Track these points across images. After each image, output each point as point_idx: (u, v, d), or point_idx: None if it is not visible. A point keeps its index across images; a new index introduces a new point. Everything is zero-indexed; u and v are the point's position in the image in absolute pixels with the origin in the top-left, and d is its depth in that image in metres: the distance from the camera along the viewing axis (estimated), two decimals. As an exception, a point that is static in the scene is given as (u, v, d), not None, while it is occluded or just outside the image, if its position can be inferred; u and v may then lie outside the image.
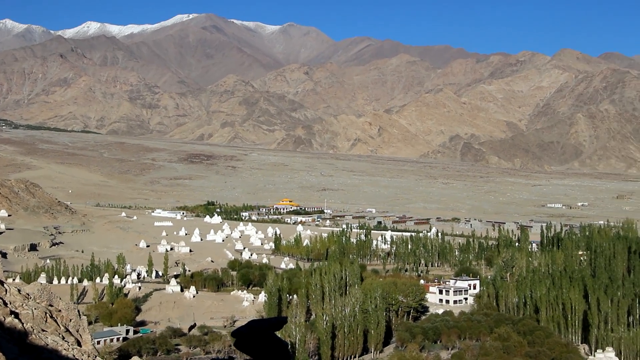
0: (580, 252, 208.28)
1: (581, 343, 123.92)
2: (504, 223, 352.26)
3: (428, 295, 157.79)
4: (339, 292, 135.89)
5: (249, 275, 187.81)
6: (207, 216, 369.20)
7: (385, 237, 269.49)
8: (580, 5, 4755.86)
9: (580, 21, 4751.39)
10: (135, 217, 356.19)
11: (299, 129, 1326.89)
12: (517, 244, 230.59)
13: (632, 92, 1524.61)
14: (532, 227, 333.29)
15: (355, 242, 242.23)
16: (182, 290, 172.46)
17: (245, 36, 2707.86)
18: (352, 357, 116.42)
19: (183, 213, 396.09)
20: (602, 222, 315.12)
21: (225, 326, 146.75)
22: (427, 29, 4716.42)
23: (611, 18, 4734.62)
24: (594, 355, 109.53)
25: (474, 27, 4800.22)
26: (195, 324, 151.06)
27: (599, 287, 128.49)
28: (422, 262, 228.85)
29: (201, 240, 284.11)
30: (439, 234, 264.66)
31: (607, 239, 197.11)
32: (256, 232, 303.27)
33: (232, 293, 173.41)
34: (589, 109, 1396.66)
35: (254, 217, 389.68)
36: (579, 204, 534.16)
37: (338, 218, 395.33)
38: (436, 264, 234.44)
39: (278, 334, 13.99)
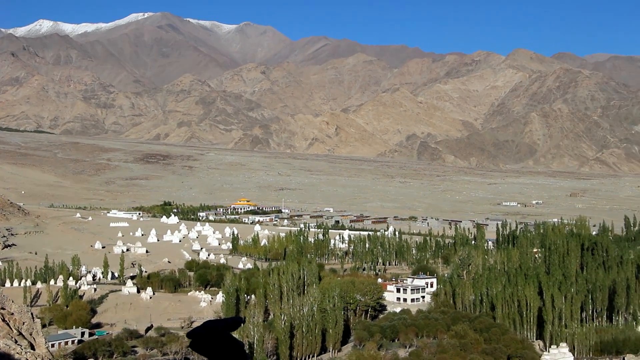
0: (535, 250, 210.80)
1: (536, 339, 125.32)
2: (461, 221, 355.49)
3: (386, 294, 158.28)
4: (297, 292, 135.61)
5: (207, 276, 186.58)
6: (164, 216, 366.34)
7: (343, 236, 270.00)
8: (533, 5, 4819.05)
9: (533, 21, 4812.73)
10: (90, 218, 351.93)
11: (256, 128, 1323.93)
12: (473, 242, 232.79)
13: (584, 92, 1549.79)
14: (487, 225, 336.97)
15: (313, 242, 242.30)
16: (138, 291, 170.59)
17: (202, 35, 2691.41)
18: (311, 356, 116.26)
19: (139, 213, 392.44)
20: (556, 219, 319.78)
21: (182, 327, 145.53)
22: (384, 29, 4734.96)
23: (563, 18, 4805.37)
24: (548, 351, 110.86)
25: (429, 27, 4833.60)
26: (152, 326, 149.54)
27: (553, 284, 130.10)
28: (380, 261, 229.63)
29: (158, 240, 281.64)
30: (396, 233, 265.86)
31: (561, 236, 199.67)
32: (213, 232, 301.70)
33: (189, 294, 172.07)
34: (543, 108, 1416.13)
35: (211, 217, 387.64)
36: (534, 202, 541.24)
37: (296, 217, 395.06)
38: (394, 263, 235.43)
39: (235, 334, 13.73)
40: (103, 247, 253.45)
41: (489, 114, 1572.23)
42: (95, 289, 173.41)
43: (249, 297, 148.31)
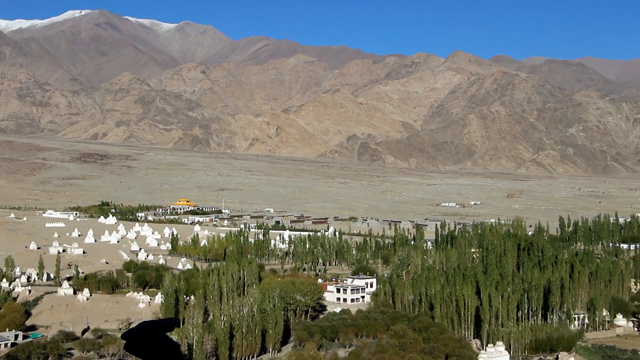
0: (472, 250, 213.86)
1: (473, 338, 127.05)
2: (400, 222, 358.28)
3: (326, 294, 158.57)
4: (237, 292, 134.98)
5: (145, 277, 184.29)
6: (102, 217, 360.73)
7: (283, 237, 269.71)
8: (471, 8, 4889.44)
9: (472, 24, 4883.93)
10: (25, 219, 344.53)
11: (196, 128, 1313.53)
12: (412, 242, 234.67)
13: (521, 94, 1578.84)
14: (427, 225, 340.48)
15: (253, 242, 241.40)
16: (75, 292, 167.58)
17: (141, 34, 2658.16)
18: (250, 357, 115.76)
19: (76, 214, 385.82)
20: (493, 220, 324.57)
21: (120, 329, 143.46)
22: (324, 30, 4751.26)
23: (501, 22, 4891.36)
24: (485, 350, 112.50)
25: (370, 28, 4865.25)
26: (88, 327, 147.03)
27: (491, 284, 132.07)
28: (320, 261, 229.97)
29: (95, 241, 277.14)
30: (337, 233, 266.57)
31: (498, 236, 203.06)
32: (152, 233, 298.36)
33: (127, 295, 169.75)
34: (481, 110, 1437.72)
35: (150, 218, 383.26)
36: (472, 202, 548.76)
37: (236, 218, 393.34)
38: (334, 263, 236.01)
39: (172, 335, 13.49)
40: (38, 248, 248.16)
41: (429, 115, 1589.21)
42: (29, 291, 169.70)
43: (188, 298, 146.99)
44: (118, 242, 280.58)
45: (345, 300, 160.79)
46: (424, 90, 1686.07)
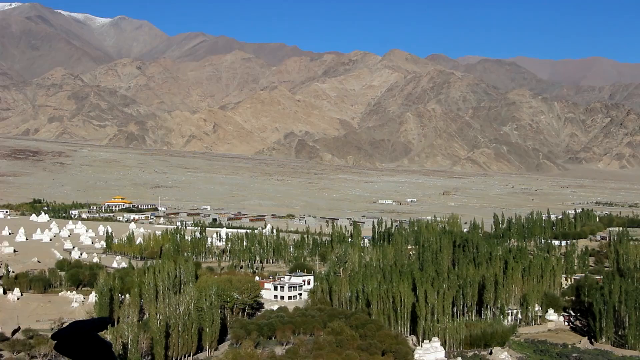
0: (409, 247, 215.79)
1: (410, 334, 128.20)
2: (338, 219, 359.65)
3: (263, 292, 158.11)
4: (173, 291, 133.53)
5: (79, 275, 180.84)
6: (34, 214, 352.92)
7: (220, 235, 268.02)
8: (408, 6, 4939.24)
9: (408, 22, 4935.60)
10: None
11: (132, 124, 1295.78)
12: (350, 239, 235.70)
13: (456, 93, 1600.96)
14: (364, 222, 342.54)
15: (190, 240, 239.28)
16: (5, 292, 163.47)
17: (74, 28, 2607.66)
18: (187, 355, 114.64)
19: (7, 211, 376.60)
20: (429, 217, 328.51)
21: (52, 329, 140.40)
22: (262, 26, 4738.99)
23: (437, 21, 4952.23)
24: (421, 346, 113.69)
25: (307, 26, 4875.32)
26: (19, 328, 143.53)
27: (427, 280, 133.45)
28: (258, 258, 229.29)
29: (27, 239, 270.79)
30: (274, 231, 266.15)
31: (434, 233, 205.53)
32: (87, 231, 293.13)
33: (60, 294, 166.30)
34: (417, 108, 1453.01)
35: (84, 216, 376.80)
36: (408, 200, 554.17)
37: (172, 215, 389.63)
38: (271, 261, 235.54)
39: (106, 334, 13.07)
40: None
41: (366, 113, 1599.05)
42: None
43: (123, 296, 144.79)
44: (50, 240, 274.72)
45: (282, 297, 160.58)
46: (361, 88, 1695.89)
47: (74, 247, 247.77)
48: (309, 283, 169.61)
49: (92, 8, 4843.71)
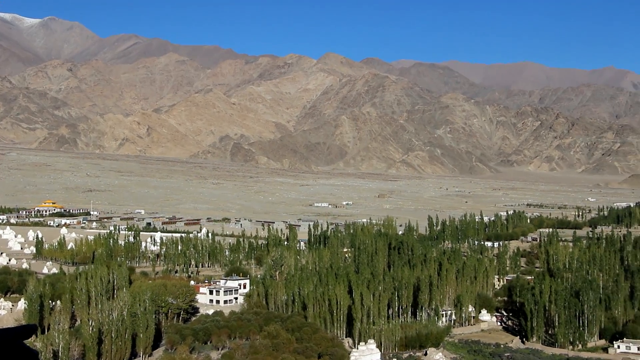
0: (345, 249, 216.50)
1: (346, 337, 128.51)
2: (273, 222, 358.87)
3: (198, 296, 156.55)
4: (106, 296, 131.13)
5: (7, 282, 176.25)
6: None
7: (154, 239, 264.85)
8: (342, 10, 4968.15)
9: (343, 26, 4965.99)
10: None
11: (63, 127, 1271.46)
12: (285, 242, 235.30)
13: (391, 96, 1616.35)
14: (300, 226, 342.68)
15: (123, 245, 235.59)
16: None
17: (1, 28, 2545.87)
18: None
19: None
20: (365, 220, 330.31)
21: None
22: (196, 29, 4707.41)
23: (371, 24, 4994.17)
24: (357, 348, 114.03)
25: (242, 28, 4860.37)
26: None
27: (362, 283, 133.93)
28: (193, 263, 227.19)
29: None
30: (210, 235, 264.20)
31: (370, 236, 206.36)
32: (15, 236, 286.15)
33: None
34: (353, 111, 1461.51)
35: (12, 220, 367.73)
36: (344, 202, 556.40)
37: (105, 220, 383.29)
38: (207, 265, 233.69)
39: (37, 342, 12.60)
40: None
41: (301, 116, 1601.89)
42: None
43: (54, 303, 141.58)
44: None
45: (218, 302, 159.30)
46: (296, 91, 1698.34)
47: (1, 253, 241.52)
48: (244, 287, 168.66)
49: (20, 8, 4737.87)
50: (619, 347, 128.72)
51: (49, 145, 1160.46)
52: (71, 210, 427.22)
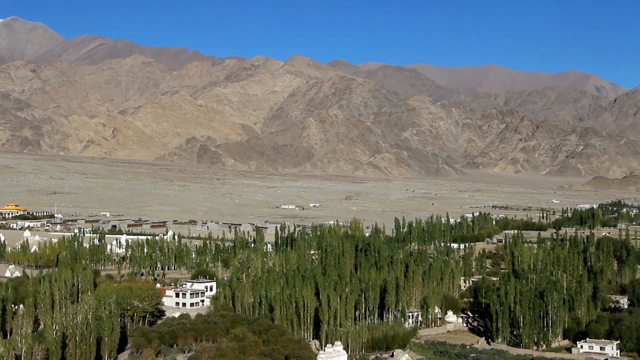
0: (312, 252, 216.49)
1: (313, 339, 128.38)
2: (240, 225, 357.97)
3: (165, 299, 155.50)
4: (70, 300, 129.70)
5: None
6: None
7: (120, 241, 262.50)
8: (309, 12, 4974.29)
9: (310, 28, 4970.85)
10: None
11: (26, 129, 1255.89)
12: (252, 245, 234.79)
13: (358, 98, 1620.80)
14: (267, 228, 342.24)
15: (88, 247, 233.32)
16: None
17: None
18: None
19: None
20: (332, 222, 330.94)
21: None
22: (162, 30, 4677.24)
23: (338, 27, 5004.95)
24: (324, 350, 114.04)
25: (209, 30, 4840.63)
26: None
27: (329, 285, 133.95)
28: (159, 265, 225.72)
29: None
30: (176, 237, 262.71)
31: (337, 238, 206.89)
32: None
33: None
34: (320, 113, 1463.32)
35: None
36: (311, 205, 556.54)
37: (70, 223, 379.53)
38: (173, 267, 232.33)
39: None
40: None
41: (268, 118, 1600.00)
42: None
43: (17, 307, 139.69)
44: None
45: (184, 304, 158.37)
46: (263, 93, 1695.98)
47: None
48: (211, 289, 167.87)
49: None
50: (582, 347, 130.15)
51: (12, 147, 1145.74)
52: (35, 213, 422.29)
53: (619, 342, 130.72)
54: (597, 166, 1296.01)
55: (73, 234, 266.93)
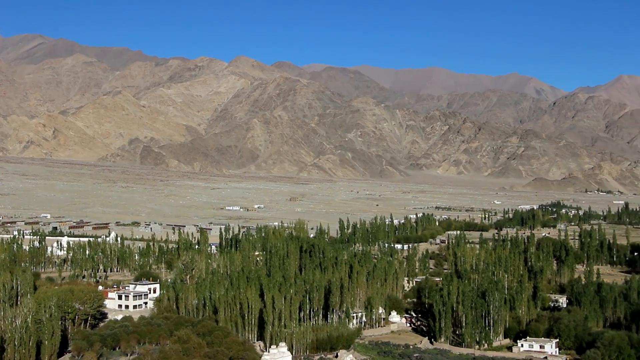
0: (257, 253, 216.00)
1: (257, 340, 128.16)
2: (184, 226, 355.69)
3: (107, 302, 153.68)
4: (9, 303, 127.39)
5: None
6: None
7: (61, 243, 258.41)
8: (253, 13, 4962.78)
9: (254, 29, 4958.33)
10: None
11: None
12: (196, 246, 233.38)
13: (302, 100, 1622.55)
14: (211, 229, 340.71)
15: (28, 250, 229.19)
16: None
17: None
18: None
19: None
20: (276, 223, 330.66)
21: None
22: (104, 30, 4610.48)
23: (283, 28, 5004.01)
24: (269, 351, 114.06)
25: (152, 30, 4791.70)
26: None
27: (274, 286, 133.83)
28: (101, 267, 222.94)
29: None
30: (118, 239, 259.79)
31: (281, 239, 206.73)
32: None
33: None
34: (264, 114, 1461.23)
35: None
36: (256, 206, 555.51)
37: (9, 225, 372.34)
38: (116, 269, 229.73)
39: None
40: None
41: (212, 119, 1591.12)
42: None
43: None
44: None
45: (127, 307, 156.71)
46: (207, 94, 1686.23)
47: None
48: (155, 291, 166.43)
49: None
50: (522, 345, 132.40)
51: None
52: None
53: (557, 340, 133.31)
54: (537, 168, 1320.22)
55: (12, 236, 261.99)
